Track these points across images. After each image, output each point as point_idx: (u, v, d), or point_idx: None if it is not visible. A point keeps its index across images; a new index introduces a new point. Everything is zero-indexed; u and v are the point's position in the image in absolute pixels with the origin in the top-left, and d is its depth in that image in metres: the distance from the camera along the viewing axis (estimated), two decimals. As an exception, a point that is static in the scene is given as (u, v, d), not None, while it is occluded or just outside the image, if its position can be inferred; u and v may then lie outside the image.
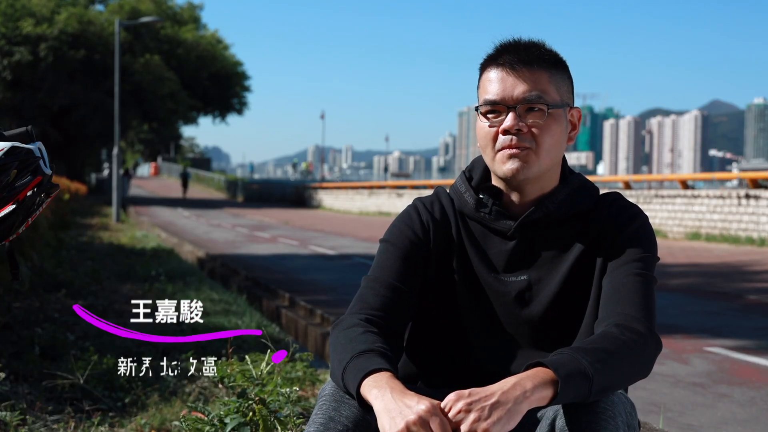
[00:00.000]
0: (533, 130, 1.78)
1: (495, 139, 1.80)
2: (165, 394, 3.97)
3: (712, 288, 9.42)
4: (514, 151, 1.77)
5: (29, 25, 37.78)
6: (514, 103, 1.77)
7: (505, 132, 1.78)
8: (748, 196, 15.51)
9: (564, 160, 1.89)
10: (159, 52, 42.02)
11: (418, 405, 1.48)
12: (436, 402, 1.50)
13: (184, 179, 46.74)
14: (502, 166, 1.79)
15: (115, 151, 24.52)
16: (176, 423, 3.06)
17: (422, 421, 1.46)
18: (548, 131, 1.78)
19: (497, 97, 1.79)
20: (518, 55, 1.79)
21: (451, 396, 1.50)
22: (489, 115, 1.81)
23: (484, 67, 1.84)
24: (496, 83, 1.80)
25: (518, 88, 1.78)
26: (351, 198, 36.29)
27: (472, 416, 1.46)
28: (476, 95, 1.86)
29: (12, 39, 37.85)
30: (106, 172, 54.72)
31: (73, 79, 39.03)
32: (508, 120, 1.77)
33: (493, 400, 1.48)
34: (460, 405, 1.48)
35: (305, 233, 19.91)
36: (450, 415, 1.48)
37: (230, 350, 3.01)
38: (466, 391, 1.50)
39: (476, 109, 1.84)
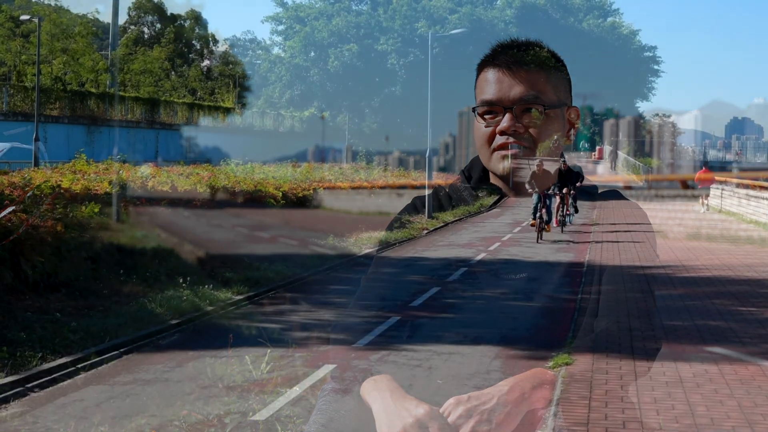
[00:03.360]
0: (530, 130, 1.77)
1: (492, 139, 1.79)
2: (165, 394, 3.97)
3: (712, 288, 9.41)
4: (512, 150, 1.77)
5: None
6: (511, 103, 1.76)
7: (502, 132, 1.77)
8: (748, 196, 15.50)
9: (563, 159, 1.88)
10: (160, 51, 42.07)
11: (416, 409, 1.47)
12: (434, 407, 1.49)
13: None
14: (498, 164, 1.79)
15: (115, 150, 24.55)
16: (176, 423, 3.06)
17: (420, 426, 1.46)
18: (545, 131, 1.78)
19: (494, 98, 1.78)
20: (515, 56, 1.78)
21: (451, 401, 1.49)
22: (486, 116, 1.80)
23: (482, 67, 1.83)
24: (492, 84, 1.78)
25: (515, 89, 1.76)
26: (351, 198, 36.21)
27: (472, 421, 1.46)
28: (474, 95, 1.85)
29: None
30: None
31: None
32: (505, 121, 1.76)
33: (492, 403, 1.47)
34: (459, 410, 1.47)
35: (305, 233, 19.85)
36: (450, 420, 1.47)
37: (230, 350, 3.01)
38: (466, 396, 1.49)
39: (473, 110, 1.83)
